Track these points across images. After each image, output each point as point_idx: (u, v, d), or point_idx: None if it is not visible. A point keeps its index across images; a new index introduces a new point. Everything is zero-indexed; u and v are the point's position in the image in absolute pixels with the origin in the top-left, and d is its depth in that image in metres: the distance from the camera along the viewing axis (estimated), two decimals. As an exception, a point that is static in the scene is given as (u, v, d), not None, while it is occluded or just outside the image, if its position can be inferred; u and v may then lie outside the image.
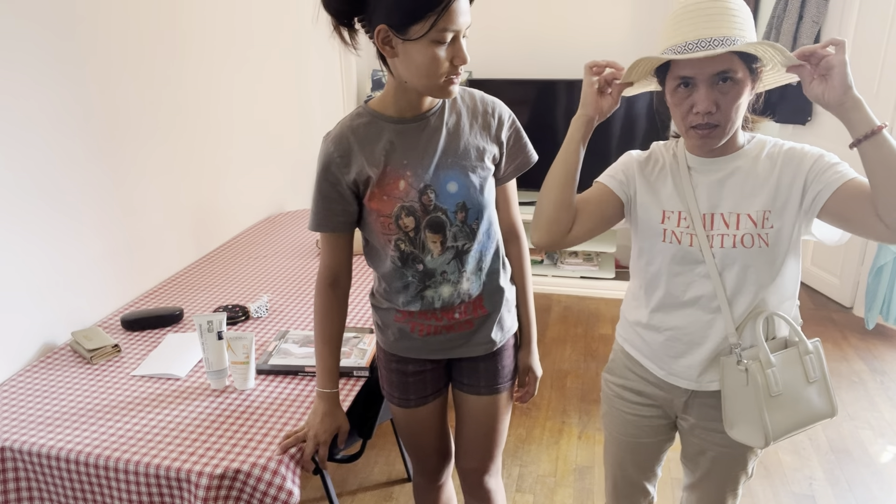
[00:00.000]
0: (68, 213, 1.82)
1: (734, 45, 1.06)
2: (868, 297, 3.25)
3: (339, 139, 1.27)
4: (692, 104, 1.13)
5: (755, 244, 1.19)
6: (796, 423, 1.22)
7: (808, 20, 3.55)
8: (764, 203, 1.19)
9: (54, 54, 1.74)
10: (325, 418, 1.37)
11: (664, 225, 1.25)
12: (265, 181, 2.92)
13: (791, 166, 1.18)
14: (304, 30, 3.22)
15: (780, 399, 1.20)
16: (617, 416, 1.43)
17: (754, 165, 1.21)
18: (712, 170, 1.23)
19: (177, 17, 2.24)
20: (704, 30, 1.07)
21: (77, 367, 1.66)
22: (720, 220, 1.21)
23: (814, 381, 1.22)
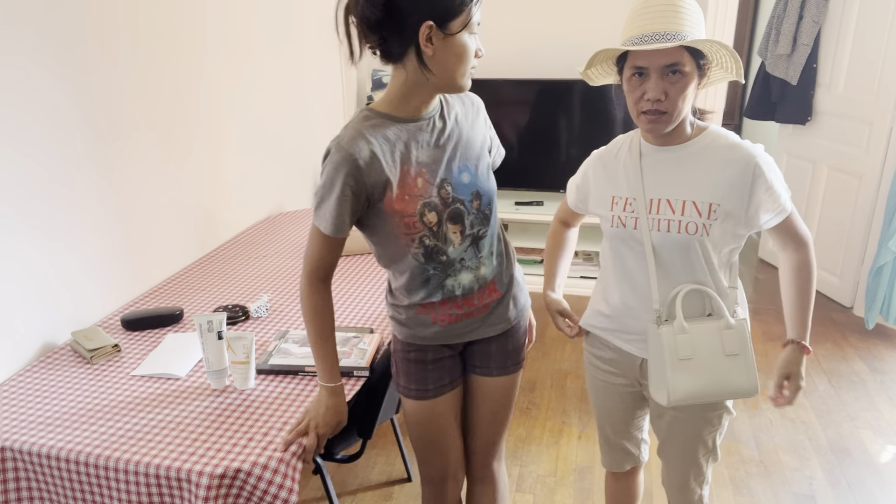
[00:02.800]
0: (68, 212, 1.82)
1: (683, 39, 1.18)
2: (868, 297, 3.25)
3: (356, 144, 1.27)
4: (644, 91, 1.24)
5: (698, 232, 1.30)
6: (703, 388, 1.31)
7: (808, 20, 3.55)
8: (711, 196, 1.29)
9: (55, 56, 1.74)
10: (329, 411, 1.38)
11: (612, 211, 1.38)
12: (265, 181, 2.93)
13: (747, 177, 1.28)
14: (305, 30, 3.22)
15: (689, 364, 1.31)
16: (592, 383, 1.59)
17: (703, 156, 1.31)
18: (663, 157, 1.34)
19: (176, 18, 2.24)
20: (658, 24, 1.20)
21: (77, 367, 1.66)
22: (666, 206, 1.32)
23: (732, 355, 1.31)
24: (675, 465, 1.50)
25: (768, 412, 2.68)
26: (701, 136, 1.33)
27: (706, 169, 1.30)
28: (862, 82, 3.35)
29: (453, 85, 1.27)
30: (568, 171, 3.56)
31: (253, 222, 2.83)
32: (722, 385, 1.31)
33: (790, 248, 1.38)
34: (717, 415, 1.43)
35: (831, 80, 3.54)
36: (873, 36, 3.25)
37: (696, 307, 1.35)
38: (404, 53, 1.24)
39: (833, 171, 3.58)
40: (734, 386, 1.31)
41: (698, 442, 1.45)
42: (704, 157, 1.31)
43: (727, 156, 1.29)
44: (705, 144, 1.32)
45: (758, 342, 3.23)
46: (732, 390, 1.32)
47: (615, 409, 1.57)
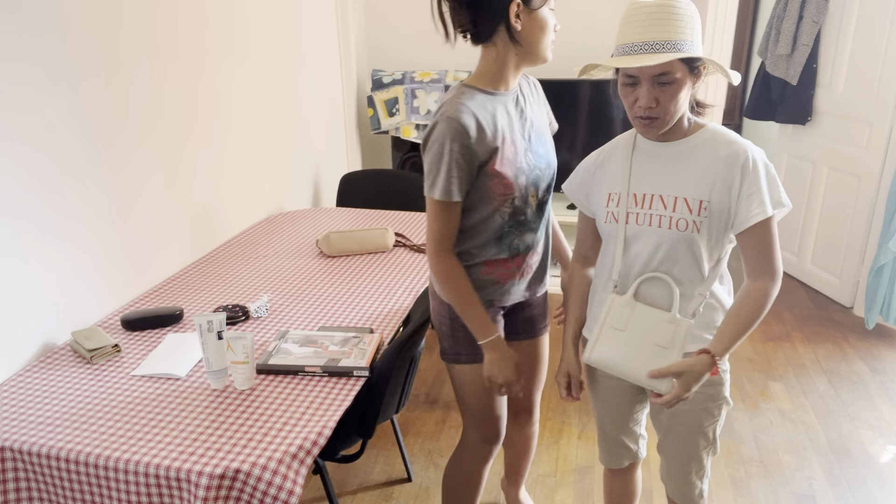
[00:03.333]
0: (68, 212, 1.82)
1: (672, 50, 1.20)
2: (868, 297, 3.25)
3: (462, 115, 1.40)
4: (636, 98, 1.27)
5: (689, 229, 1.31)
6: (619, 364, 1.37)
7: (808, 20, 3.55)
8: (701, 193, 1.30)
9: (53, 58, 1.74)
10: (498, 364, 1.54)
11: (608, 208, 1.40)
12: (265, 181, 2.93)
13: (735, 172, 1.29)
14: (304, 30, 3.22)
15: (620, 336, 1.36)
16: (590, 377, 1.61)
17: (696, 153, 1.32)
18: (659, 153, 1.36)
19: (175, 18, 2.24)
20: (648, 33, 1.21)
21: (77, 367, 1.66)
22: (658, 201, 1.34)
23: (661, 347, 1.33)
24: (677, 458, 1.51)
25: (768, 412, 2.68)
26: (699, 133, 1.34)
27: (700, 166, 1.31)
28: (862, 82, 3.35)
29: (539, 56, 1.44)
30: (570, 171, 3.55)
31: (253, 222, 2.83)
32: (637, 369, 1.35)
33: (759, 276, 1.32)
34: (717, 405, 1.44)
35: (831, 80, 3.54)
36: (873, 36, 3.25)
37: (664, 299, 1.37)
38: (494, 32, 1.41)
39: (833, 171, 3.58)
40: (643, 373, 1.35)
41: (699, 434, 1.46)
42: (700, 153, 1.32)
43: (721, 153, 1.30)
44: (702, 141, 1.33)
45: (758, 342, 3.23)
46: (643, 379, 1.35)
47: (613, 404, 1.58)
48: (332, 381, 1.59)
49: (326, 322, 1.90)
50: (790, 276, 4.00)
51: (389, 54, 3.99)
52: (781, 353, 3.13)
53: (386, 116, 3.68)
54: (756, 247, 1.31)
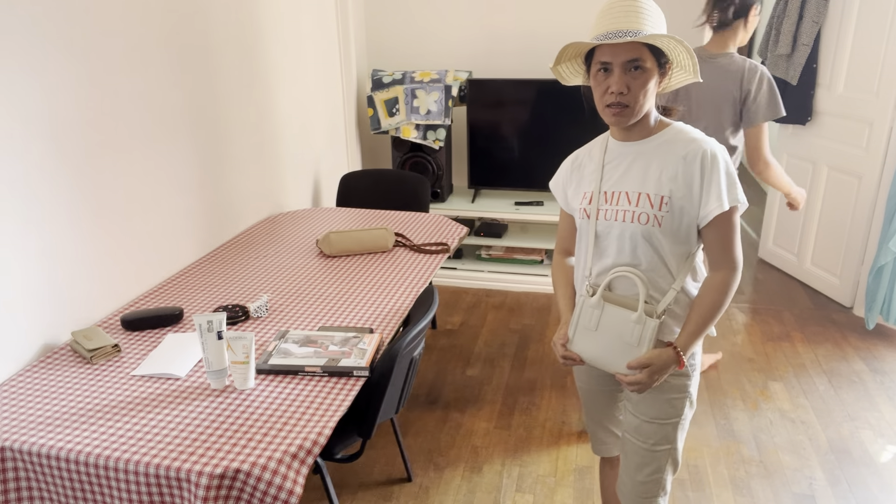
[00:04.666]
0: (68, 212, 1.82)
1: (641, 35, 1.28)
2: (868, 298, 3.25)
3: None
4: (608, 85, 1.33)
5: (650, 222, 1.37)
6: (594, 357, 1.45)
7: (808, 20, 3.55)
8: (662, 188, 1.37)
9: (55, 54, 1.74)
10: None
11: (581, 205, 1.48)
12: (265, 181, 2.92)
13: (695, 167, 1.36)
14: (305, 30, 3.22)
15: (592, 334, 1.45)
16: (575, 367, 1.66)
17: (660, 150, 1.39)
18: (626, 152, 1.43)
19: (177, 18, 2.24)
20: (620, 23, 1.30)
21: (77, 367, 1.66)
22: (624, 198, 1.41)
23: (628, 344, 1.39)
24: (635, 457, 1.52)
25: (768, 412, 2.68)
26: (663, 132, 1.41)
27: (663, 163, 1.38)
28: (862, 82, 3.35)
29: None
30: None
31: (253, 222, 2.83)
32: (610, 363, 1.43)
33: (721, 268, 1.40)
34: (680, 399, 1.48)
35: (831, 80, 3.54)
36: (873, 36, 3.25)
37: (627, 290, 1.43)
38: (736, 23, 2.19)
39: (833, 171, 3.58)
40: (617, 367, 1.42)
41: (660, 430, 1.48)
42: (663, 151, 1.39)
43: (683, 150, 1.37)
44: (666, 139, 1.40)
45: (758, 342, 3.23)
46: (617, 370, 1.42)
47: (597, 392, 1.65)
48: (332, 381, 1.59)
49: (326, 322, 1.90)
50: (790, 276, 4.00)
51: (389, 54, 3.99)
52: (781, 353, 3.13)
53: (386, 116, 3.68)
54: (716, 240, 1.39)
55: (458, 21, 3.84)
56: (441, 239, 2.58)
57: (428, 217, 2.86)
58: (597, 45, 1.33)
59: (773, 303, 3.66)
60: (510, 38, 3.82)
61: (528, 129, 3.66)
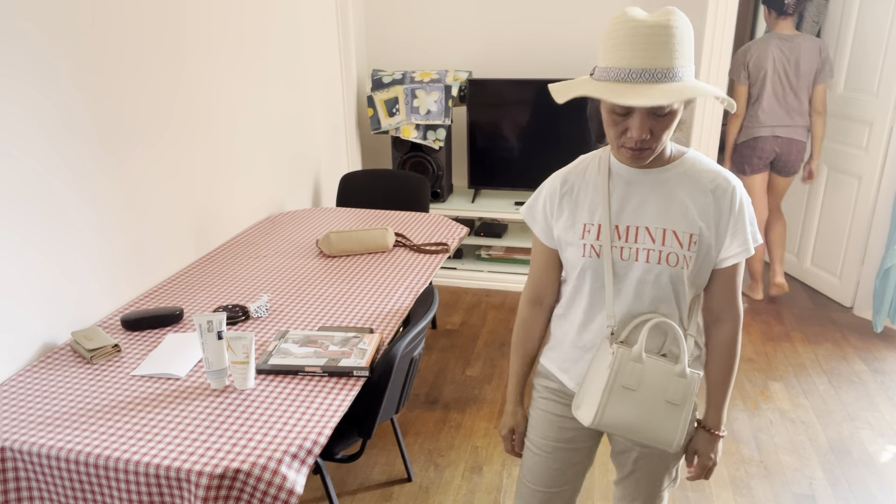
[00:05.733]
0: (68, 212, 1.82)
1: (674, 79, 1.06)
2: (876, 300, 3.23)
3: None
4: (626, 128, 1.14)
5: (679, 264, 1.21)
6: (631, 425, 1.23)
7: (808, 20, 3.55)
8: (691, 226, 1.21)
9: (57, 57, 1.74)
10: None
11: (584, 240, 1.26)
12: (265, 181, 2.93)
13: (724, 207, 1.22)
14: (305, 30, 3.22)
15: (631, 395, 1.22)
16: (541, 419, 1.42)
17: (683, 182, 1.22)
18: (640, 181, 1.24)
19: (175, 18, 2.24)
20: (649, 59, 1.05)
21: (77, 367, 1.66)
22: (645, 234, 1.22)
23: (672, 404, 1.22)
24: (637, 497, 1.44)
25: (768, 412, 2.68)
26: (681, 161, 1.24)
27: (687, 196, 1.22)
28: (862, 82, 3.35)
29: None
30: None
31: (253, 222, 2.83)
32: (648, 429, 1.24)
33: (726, 320, 1.30)
34: (673, 466, 1.41)
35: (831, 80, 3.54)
36: (873, 36, 3.25)
37: (653, 343, 1.26)
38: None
39: (833, 171, 3.58)
40: (659, 434, 1.24)
41: (664, 474, 1.42)
42: (685, 183, 1.22)
43: (708, 184, 1.22)
44: (685, 170, 1.23)
45: (758, 342, 3.23)
46: (655, 438, 1.24)
47: (566, 452, 1.45)
48: (332, 381, 1.59)
49: (326, 322, 1.90)
50: (790, 276, 4.00)
51: (389, 54, 3.99)
52: (781, 353, 3.13)
53: (386, 116, 3.68)
54: (725, 286, 1.27)
55: (458, 21, 3.84)
56: (441, 239, 2.58)
57: (428, 217, 2.86)
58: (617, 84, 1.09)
59: (773, 303, 3.66)
60: (510, 38, 3.82)
61: (528, 129, 3.66)
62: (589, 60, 3.74)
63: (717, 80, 3.29)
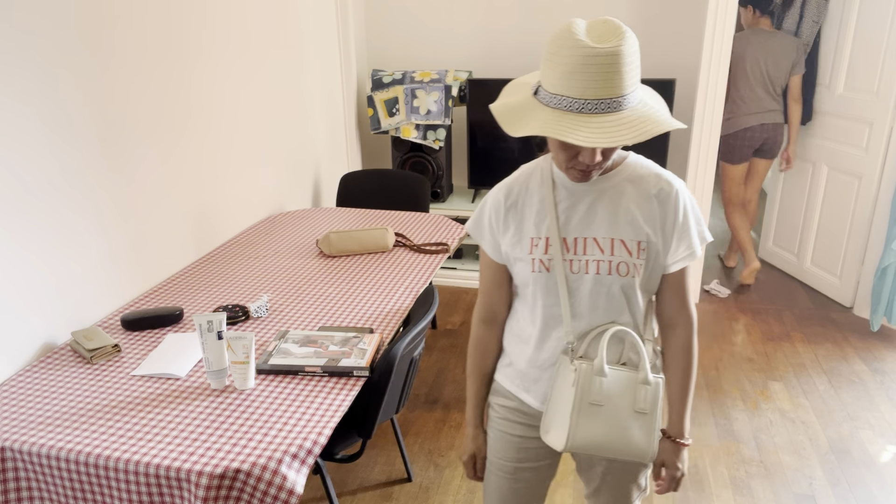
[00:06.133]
0: (69, 212, 1.82)
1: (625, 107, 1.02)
2: (873, 299, 3.24)
3: None
4: (577, 153, 1.09)
5: (630, 273, 1.18)
6: (605, 441, 1.19)
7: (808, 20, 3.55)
8: (639, 233, 1.19)
9: (54, 58, 1.74)
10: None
11: (532, 255, 1.22)
12: (265, 181, 2.92)
13: (669, 210, 1.19)
14: (305, 29, 3.22)
15: (599, 411, 1.18)
16: (500, 439, 1.38)
17: (625, 189, 1.20)
18: (585, 191, 1.20)
19: (176, 19, 2.24)
20: (602, 89, 1.01)
21: (77, 367, 1.66)
22: (594, 245, 1.19)
23: (640, 413, 1.19)
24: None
25: (768, 412, 2.68)
26: (623, 167, 1.21)
27: (632, 203, 1.19)
28: (862, 82, 3.35)
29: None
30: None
31: (253, 222, 2.83)
32: (621, 443, 1.19)
33: (678, 324, 1.27)
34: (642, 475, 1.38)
35: (831, 80, 3.54)
36: (873, 36, 3.25)
37: (612, 352, 1.23)
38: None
39: (833, 171, 3.58)
40: (631, 444, 1.20)
41: (631, 482, 1.38)
42: (629, 189, 1.20)
43: (651, 188, 1.20)
44: (627, 175, 1.20)
45: (758, 342, 3.23)
46: (629, 451, 1.20)
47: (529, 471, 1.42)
48: (332, 381, 1.59)
49: (326, 322, 1.90)
50: (790, 276, 4.00)
51: (389, 54, 3.99)
52: (781, 353, 3.13)
53: (386, 116, 3.67)
54: (676, 290, 1.25)
55: (458, 21, 3.84)
56: (441, 239, 2.58)
57: (428, 217, 2.86)
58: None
59: (773, 303, 3.66)
60: (510, 38, 3.82)
61: (528, 129, 3.66)
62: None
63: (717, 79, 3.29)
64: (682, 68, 3.68)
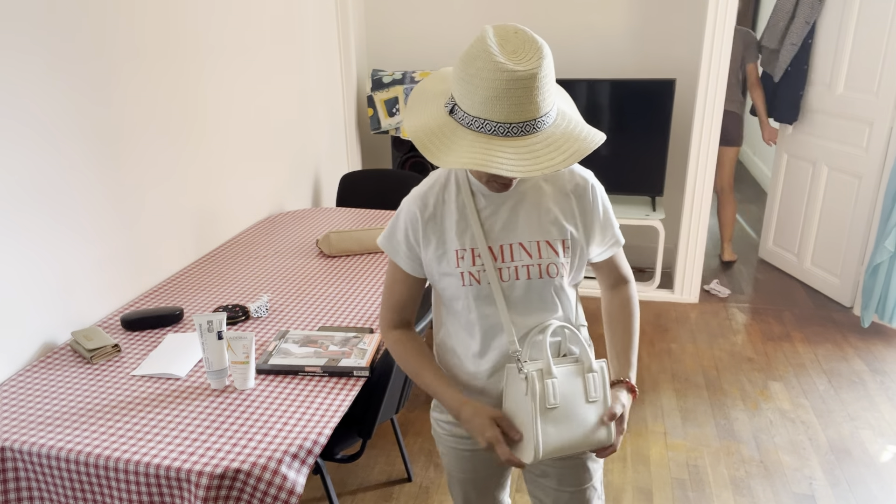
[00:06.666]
0: (68, 212, 1.82)
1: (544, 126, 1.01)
2: (864, 296, 3.25)
3: None
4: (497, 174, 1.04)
5: (559, 273, 1.19)
6: (569, 440, 1.14)
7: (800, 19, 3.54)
8: (561, 231, 1.19)
9: (57, 58, 1.74)
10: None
11: (460, 268, 1.19)
12: (265, 181, 2.93)
13: (587, 205, 1.21)
14: (304, 29, 3.22)
15: (556, 413, 1.14)
16: (453, 455, 1.39)
17: (543, 190, 1.20)
18: (504, 196, 1.19)
19: (176, 19, 2.24)
20: (524, 112, 0.99)
21: (77, 367, 1.66)
22: (520, 250, 1.18)
23: (593, 402, 1.17)
24: None
25: (768, 412, 2.68)
26: None
27: (551, 202, 1.19)
28: (862, 82, 3.35)
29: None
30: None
31: (253, 222, 2.83)
32: (583, 436, 1.16)
33: (619, 286, 1.32)
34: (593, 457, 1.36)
35: (831, 79, 3.54)
36: (873, 36, 3.25)
37: (552, 349, 1.23)
38: None
39: (833, 171, 3.58)
40: (593, 437, 1.16)
41: (589, 489, 1.36)
42: (546, 189, 1.20)
43: (567, 184, 1.20)
44: (543, 176, 1.20)
45: (758, 342, 3.23)
46: (591, 441, 1.17)
47: (487, 478, 1.41)
48: (332, 381, 1.59)
49: (326, 322, 1.90)
50: (790, 276, 4.00)
51: (389, 54, 3.99)
52: (781, 353, 3.13)
53: (386, 116, 3.68)
54: (614, 266, 1.30)
55: (458, 21, 3.84)
56: (441, 239, 2.58)
57: (428, 217, 2.86)
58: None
59: (773, 303, 3.66)
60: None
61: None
62: (589, 60, 3.74)
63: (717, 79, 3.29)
64: (682, 68, 3.68)
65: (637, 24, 3.66)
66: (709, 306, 3.62)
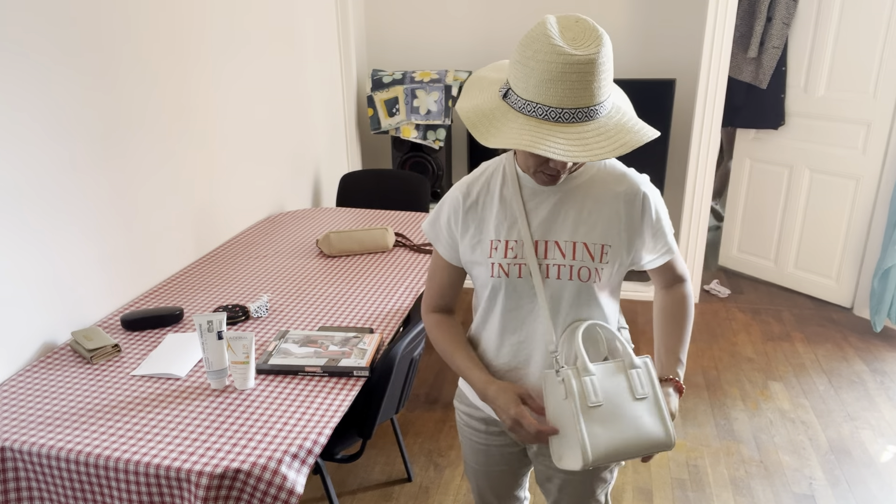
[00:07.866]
0: (68, 212, 1.82)
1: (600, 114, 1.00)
2: (873, 300, 3.23)
3: None
4: (547, 159, 1.06)
5: (591, 278, 1.15)
6: (622, 441, 1.08)
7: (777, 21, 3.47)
8: (602, 236, 1.15)
9: (53, 56, 1.74)
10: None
11: (491, 258, 1.18)
12: (265, 181, 2.93)
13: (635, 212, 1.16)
14: (305, 29, 3.22)
15: (601, 411, 1.09)
16: (469, 446, 1.40)
17: (591, 189, 1.17)
18: (549, 192, 1.16)
19: (175, 17, 2.24)
20: (579, 98, 0.98)
21: (77, 367, 1.66)
22: (555, 248, 1.15)
23: (642, 399, 1.11)
24: None
25: (768, 412, 2.68)
26: (589, 165, 1.17)
27: (595, 204, 1.15)
28: (848, 83, 3.32)
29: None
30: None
31: (253, 222, 2.83)
32: (635, 434, 1.09)
33: (672, 285, 1.29)
34: (610, 469, 1.34)
35: (807, 82, 3.47)
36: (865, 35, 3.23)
37: (590, 352, 1.19)
38: None
39: (818, 173, 3.53)
40: (648, 434, 1.10)
41: (590, 498, 1.35)
42: (592, 190, 1.16)
43: (616, 188, 1.16)
44: (592, 175, 1.17)
45: (758, 342, 3.23)
46: (649, 443, 1.09)
47: (500, 473, 1.40)
48: (332, 381, 1.59)
49: (326, 322, 1.90)
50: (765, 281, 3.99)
51: (389, 54, 3.99)
52: (781, 353, 3.13)
53: (386, 116, 3.68)
54: (667, 270, 1.26)
55: (458, 21, 3.84)
56: (441, 239, 2.58)
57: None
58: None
59: (773, 303, 3.66)
60: (510, 38, 3.82)
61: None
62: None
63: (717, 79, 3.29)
64: (682, 68, 3.68)
65: (637, 25, 3.66)
66: (709, 306, 3.62)
